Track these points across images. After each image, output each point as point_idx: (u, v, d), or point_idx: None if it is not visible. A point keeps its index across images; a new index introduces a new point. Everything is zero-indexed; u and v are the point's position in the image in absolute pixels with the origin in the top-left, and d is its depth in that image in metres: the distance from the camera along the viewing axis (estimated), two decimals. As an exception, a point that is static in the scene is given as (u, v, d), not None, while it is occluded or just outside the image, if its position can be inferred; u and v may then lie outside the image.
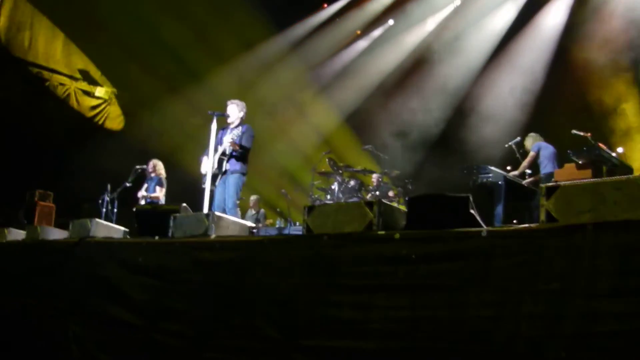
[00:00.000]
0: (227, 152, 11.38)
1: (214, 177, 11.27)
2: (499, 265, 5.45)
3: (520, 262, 5.36)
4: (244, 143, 11.41)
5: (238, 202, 11.65)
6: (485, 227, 5.91)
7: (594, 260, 5.00)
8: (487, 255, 5.54)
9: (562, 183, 5.76)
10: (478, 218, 6.14)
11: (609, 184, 5.35)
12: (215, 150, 11.32)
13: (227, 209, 11.04)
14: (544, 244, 5.34)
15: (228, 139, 11.29)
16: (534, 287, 5.23)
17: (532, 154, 13.76)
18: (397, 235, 6.10)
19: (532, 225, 5.80)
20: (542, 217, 5.65)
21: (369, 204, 6.55)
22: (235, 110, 11.72)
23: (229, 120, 11.69)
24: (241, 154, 11.39)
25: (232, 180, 11.32)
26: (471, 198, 6.23)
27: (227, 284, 7.22)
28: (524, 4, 19.10)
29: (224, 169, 11.33)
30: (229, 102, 11.88)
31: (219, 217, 8.15)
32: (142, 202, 14.73)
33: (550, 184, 5.86)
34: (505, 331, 5.26)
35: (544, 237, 5.38)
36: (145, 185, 15.00)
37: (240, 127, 11.58)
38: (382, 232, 6.30)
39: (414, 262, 5.89)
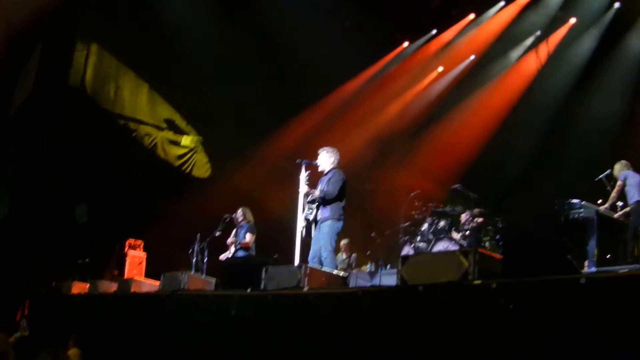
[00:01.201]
0: (311, 200, 11.12)
1: (308, 227, 11.11)
2: (601, 313, 5.31)
3: (623, 309, 5.22)
4: (328, 188, 11.03)
5: (333, 250, 11.26)
6: (582, 273, 5.80)
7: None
8: (588, 303, 5.42)
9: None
10: (574, 264, 6.02)
11: None
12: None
13: (323, 259, 10.62)
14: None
15: (305, 187, 11.11)
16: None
17: (619, 183, 13.28)
18: (493, 285, 6.00)
19: (633, 270, 5.68)
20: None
21: (464, 253, 6.46)
22: (325, 157, 11.42)
23: (320, 169, 11.41)
24: (325, 199, 11.01)
25: (325, 229, 10.89)
26: (567, 242, 6.12)
27: (323, 336, 7.16)
28: (605, 29, 18.79)
29: (316, 218, 11.09)
30: (320, 151, 11.57)
31: (312, 269, 8.12)
32: (232, 248, 14.72)
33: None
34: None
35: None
36: (235, 232, 14.99)
37: (328, 174, 11.30)
38: (479, 282, 6.21)
39: (512, 310, 5.78)
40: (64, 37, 19.72)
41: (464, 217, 16.23)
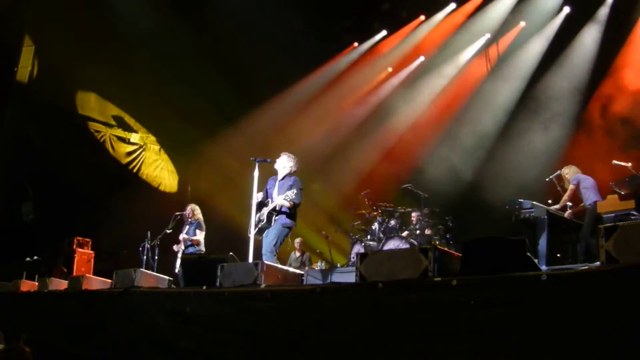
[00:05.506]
0: (277, 209, 11.18)
1: (262, 229, 11.18)
2: (562, 309, 5.32)
3: (582, 305, 5.24)
4: (294, 199, 11.14)
5: (276, 248, 11.26)
6: (543, 270, 5.82)
7: (658, 300, 4.91)
8: (549, 300, 5.42)
9: (620, 223, 5.66)
10: (535, 261, 6.04)
11: (669, 222, 5.30)
12: (264, 202, 11.28)
13: (263, 253, 10.93)
14: (606, 286, 5.21)
15: (280, 198, 11.14)
16: (599, 330, 5.10)
17: (571, 186, 13.45)
18: (454, 282, 5.98)
19: (593, 266, 5.71)
20: (602, 258, 5.55)
21: (424, 250, 6.44)
22: (285, 161, 11.59)
23: (275, 167, 11.59)
24: (291, 209, 11.19)
25: (276, 227, 11.09)
26: (527, 241, 6.13)
27: (281, 334, 7.12)
28: (552, 38, 18.96)
29: (271, 219, 11.13)
30: (282, 153, 11.73)
31: (268, 266, 8.09)
32: (183, 245, 14.63)
33: (608, 224, 5.75)
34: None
35: (606, 279, 5.25)
36: (185, 229, 14.90)
37: (288, 180, 11.43)
38: (439, 279, 6.18)
39: (473, 308, 5.77)
40: (12, 34, 19.48)
41: (414, 216, 16.33)
